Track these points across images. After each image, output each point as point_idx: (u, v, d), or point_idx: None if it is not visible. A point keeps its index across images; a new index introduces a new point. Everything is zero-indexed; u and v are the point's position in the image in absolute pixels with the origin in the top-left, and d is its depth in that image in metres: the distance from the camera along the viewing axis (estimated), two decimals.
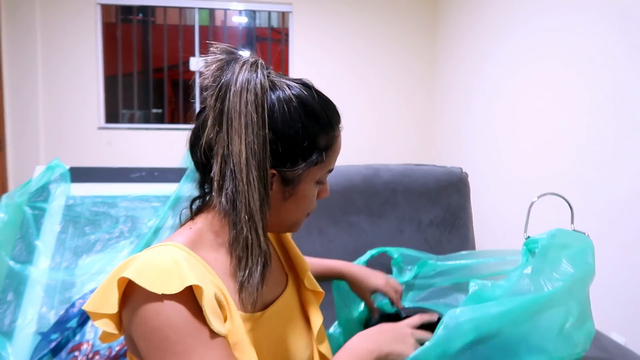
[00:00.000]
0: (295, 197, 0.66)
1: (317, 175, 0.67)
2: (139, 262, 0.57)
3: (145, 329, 0.55)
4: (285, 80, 0.65)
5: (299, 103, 0.63)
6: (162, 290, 0.54)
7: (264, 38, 4.13)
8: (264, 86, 0.60)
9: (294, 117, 0.62)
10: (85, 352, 1.27)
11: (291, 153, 0.63)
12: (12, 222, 1.43)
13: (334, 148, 0.68)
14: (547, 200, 0.94)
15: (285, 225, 0.71)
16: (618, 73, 1.88)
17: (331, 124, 0.67)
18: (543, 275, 0.74)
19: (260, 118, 0.59)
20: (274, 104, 0.61)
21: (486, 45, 3.03)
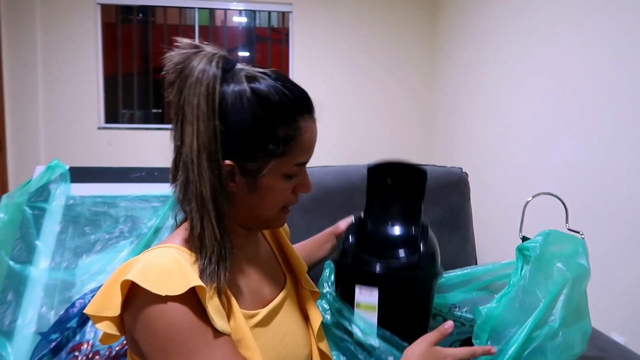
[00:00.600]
0: (261, 190, 0.65)
1: (283, 168, 0.65)
2: (141, 264, 0.58)
3: (149, 330, 0.56)
4: (251, 71, 0.64)
5: (253, 94, 0.61)
6: (165, 291, 0.54)
7: (264, 38, 4.13)
8: (216, 78, 0.60)
9: (245, 108, 0.61)
10: (85, 352, 1.27)
11: (246, 144, 0.62)
12: (12, 222, 1.43)
13: (299, 140, 0.65)
14: (546, 199, 0.94)
15: (260, 220, 0.70)
16: (618, 73, 1.88)
17: (291, 115, 0.64)
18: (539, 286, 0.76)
19: (211, 109, 0.59)
20: (226, 96, 0.61)
21: (486, 46, 3.03)
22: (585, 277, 0.78)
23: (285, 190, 0.68)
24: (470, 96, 3.27)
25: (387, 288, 0.77)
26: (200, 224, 0.61)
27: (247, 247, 0.73)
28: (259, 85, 0.62)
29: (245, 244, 0.72)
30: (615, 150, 1.89)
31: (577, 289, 0.76)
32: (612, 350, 1.16)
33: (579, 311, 0.77)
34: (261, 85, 0.62)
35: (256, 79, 0.63)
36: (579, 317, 0.77)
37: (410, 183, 0.87)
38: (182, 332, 0.55)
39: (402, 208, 0.89)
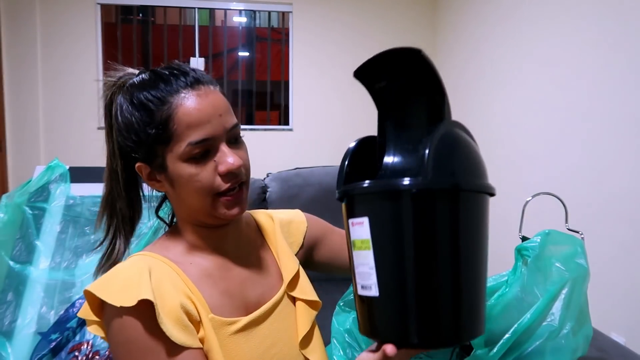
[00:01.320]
0: (177, 182, 0.64)
1: (177, 152, 0.61)
2: (105, 275, 0.60)
3: (111, 342, 0.58)
4: (133, 79, 0.68)
5: (122, 96, 0.66)
6: (120, 303, 0.55)
7: (264, 38, 4.13)
8: (109, 96, 0.69)
9: (123, 109, 0.65)
10: (85, 352, 1.27)
11: (138, 142, 0.64)
12: (12, 222, 1.43)
13: (177, 119, 0.60)
14: (546, 199, 0.94)
15: (202, 213, 0.65)
16: (618, 73, 1.88)
17: (160, 98, 0.61)
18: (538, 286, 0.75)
19: (108, 127, 0.69)
20: (116, 108, 0.67)
21: (486, 46, 3.03)
22: (585, 278, 0.78)
23: (199, 174, 0.62)
24: (470, 96, 3.28)
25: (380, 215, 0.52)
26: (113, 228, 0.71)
27: (225, 247, 0.70)
28: (134, 88, 0.65)
29: (220, 245, 0.70)
30: (616, 150, 1.89)
31: (578, 290, 0.75)
32: (612, 350, 1.16)
33: (583, 315, 0.77)
34: (135, 87, 0.65)
35: (135, 83, 0.66)
36: (582, 321, 0.76)
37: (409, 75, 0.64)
38: (137, 349, 0.56)
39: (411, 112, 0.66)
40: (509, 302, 0.75)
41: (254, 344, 0.65)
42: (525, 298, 0.74)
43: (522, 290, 0.75)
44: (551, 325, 0.73)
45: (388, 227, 0.51)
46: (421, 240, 0.50)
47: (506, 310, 0.75)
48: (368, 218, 0.52)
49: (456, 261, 0.51)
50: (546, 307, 0.73)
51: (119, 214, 0.70)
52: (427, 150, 0.50)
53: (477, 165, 0.56)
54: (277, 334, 0.69)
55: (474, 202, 0.55)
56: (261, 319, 0.68)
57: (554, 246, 0.80)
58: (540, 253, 0.78)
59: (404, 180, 0.50)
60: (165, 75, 0.63)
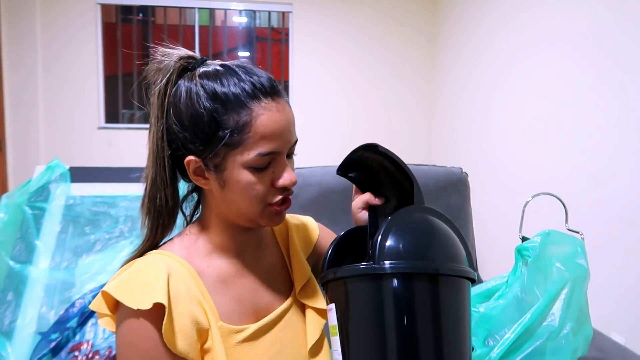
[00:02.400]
0: (229, 185, 0.62)
1: (243, 160, 0.60)
2: (123, 275, 0.60)
3: (117, 343, 0.58)
4: (207, 68, 0.63)
5: (202, 87, 0.60)
6: (137, 305, 0.55)
7: (264, 38, 4.13)
8: (169, 79, 0.62)
9: (194, 101, 0.60)
10: (85, 351, 1.27)
11: (201, 138, 0.61)
12: (12, 222, 1.43)
13: (254, 127, 0.59)
14: (546, 199, 0.94)
15: (245, 217, 0.65)
16: (617, 73, 1.88)
17: (241, 100, 0.59)
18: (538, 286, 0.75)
19: (164, 108, 0.62)
20: (180, 93, 0.61)
21: (486, 46, 3.03)
22: (585, 278, 0.78)
23: (257, 183, 0.61)
24: (471, 96, 3.27)
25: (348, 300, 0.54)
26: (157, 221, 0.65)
27: (245, 251, 0.70)
28: (208, 78, 0.61)
29: (239, 248, 0.69)
30: (616, 151, 1.89)
31: (578, 290, 0.76)
32: (612, 350, 1.16)
33: (582, 315, 0.77)
34: (210, 77, 0.61)
35: (210, 73, 0.62)
36: (582, 322, 0.76)
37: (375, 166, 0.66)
38: (138, 356, 0.56)
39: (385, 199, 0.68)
40: (510, 302, 0.75)
41: (261, 351, 0.64)
42: (525, 298, 0.74)
43: (522, 290, 0.75)
44: (551, 325, 0.73)
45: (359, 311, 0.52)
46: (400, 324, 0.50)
47: (506, 310, 0.75)
48: (334, 304, 0.55)
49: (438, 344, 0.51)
50: (546, 307, 0.73)
51: (163, 204, 0.65)
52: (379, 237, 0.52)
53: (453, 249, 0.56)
54: (285, 341, 0.68)
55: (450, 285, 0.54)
56: (269, 326, 0.67)
57: (554, 246, 0.80)
58: (540, 253, 0.78)
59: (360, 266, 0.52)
60: (246, 77, 0.61)
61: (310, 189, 1.48)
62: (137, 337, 0.56)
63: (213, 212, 0.67)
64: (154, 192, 0.65)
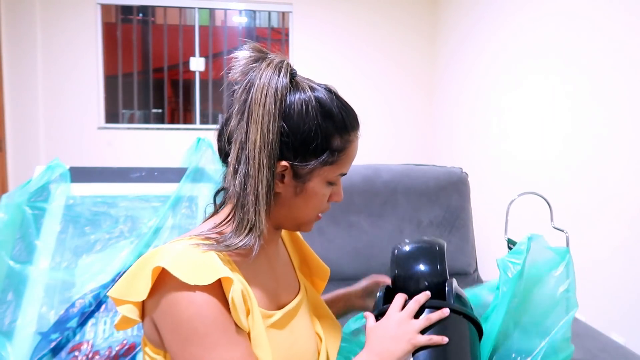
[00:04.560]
0: (305, 194, 0.69)
1: (329, 176, 0.69)
2: (173, 253, 0.60)
3: (174, 319, 0.58)
4: (309, 82, 0.69)
5: (317, 103, 0.66)
6: (195, 281, 0.56)
7: (264, 38, 4.13)
8: (285, 84, 0.65)
9: (310, 115, 0.65)
10: (85, 352, 1.28)
11: (304, 149, 0.66)
12: (12, 222, 1.43)
13: (348, 152, 0.70)
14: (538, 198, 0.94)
15: (296, 222, 0.73)
16: (618, 74, 1.88)
17: (346, 127, 0.69)
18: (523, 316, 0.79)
19: (277, 110, 0.63)
20: (293, 102, 0.65)
21: (486, 46, 3.03)
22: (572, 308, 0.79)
23: (325, 197, 0.72)
24: (471, 96, 3.28)
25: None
26: (252, 217, 0.64)
27: (269, 247, 0.74)
28: (322, 96, 0.67)
29: (269, 244, 0.73)
30: (616, 151, 1.89)
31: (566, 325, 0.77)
32: (612, 350, 1.16)
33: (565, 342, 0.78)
34: (323, 97, 0.67)
35: (317, 89, 0.68)
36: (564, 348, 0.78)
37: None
38: (206, 324, 0.57)
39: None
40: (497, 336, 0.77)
41: (283, 338, 0.69)
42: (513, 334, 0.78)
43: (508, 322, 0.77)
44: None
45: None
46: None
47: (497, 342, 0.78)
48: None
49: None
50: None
51: (270, 206, 0.66)
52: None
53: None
54: (301, 331, 0.74)
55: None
56: (290, 315, 0.72)
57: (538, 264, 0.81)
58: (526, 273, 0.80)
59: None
60: (350, 107, 0.72)
61: None
62: (203, 308, 0.57)
63: (271, 213, 0.69)
64: (269, 196, 0.65)
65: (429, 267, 0.77)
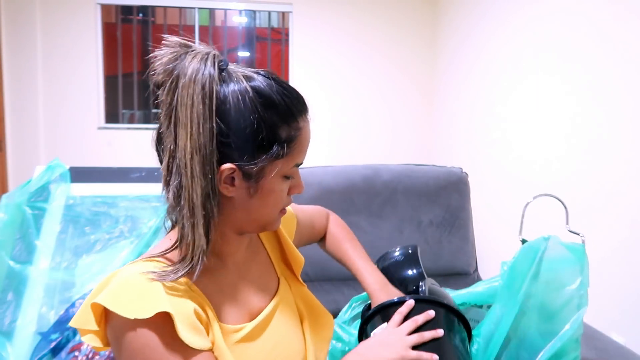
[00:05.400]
0: (261, 193, 0.63)
1: (283, 169, 0.63)
2: (114, 285, 0.57)
3: (126, 352, 0.55)
4: (244, 71, 0.61)
5: (255, 94, 0.59)
6: (135, 314, 0.53)
7: (264, 38, 4.13)
8: (213, 78, 0.57)
9: (248, 108, 0.58)
10: (85, 352, 1.28)
11: (249, 146, 0.59)
12: (12, 222, 1.43)
13: (300, 140, 0.63)
14: (546, 200, 0.94)
15: (258, 224, 0.67)
16: (618, 74, 1.88)
17: (293, 115, 0.62)
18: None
19: (208, 110, 0.56)
20: (227, 96, 0.58)
21: (486, 46, 3.03)
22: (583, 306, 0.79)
23: (283, 192, 0.66)
24: (471, 96, 3.27)
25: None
26: (191, 232, 0.58)
27: (237, 254, 0.70)
28: (259, 85, 0.60)
29: (235, 251, 0.70)
30: (616, 151, 1.89)
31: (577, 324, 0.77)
32: (612, 351, 1.16)
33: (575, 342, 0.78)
34: (261, 85, 0.60)
35: (253, 78, 0.60)
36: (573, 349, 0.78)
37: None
38: (159, 352, 0.55)
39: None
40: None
41: (258, 349, 0.66)
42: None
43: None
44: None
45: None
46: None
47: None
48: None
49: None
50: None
51: (210, 218, 0.59)
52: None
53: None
54: (279, 334, 0.70)
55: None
56: (263, 323, 0.68)
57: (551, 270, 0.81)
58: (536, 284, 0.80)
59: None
60: (293, 92, 0.63)
61: (310, 189, 1.48)
62: (148, 339, 0.54)
63: (221, 219, 0.64)
64: (207, 207, 0.58)
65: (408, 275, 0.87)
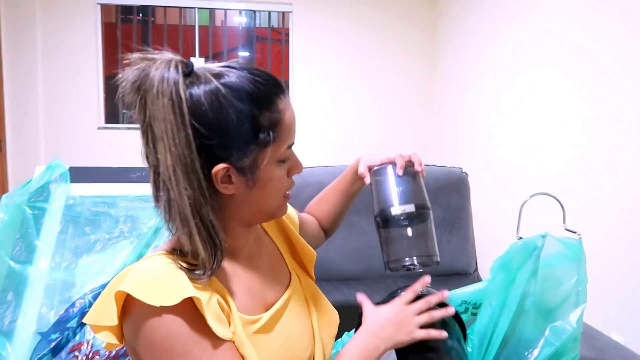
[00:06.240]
0: (260, 184, 0.63)
1: (276, 155, 0.63)
2: (135, 274, 0.57)
3: (149, 341, 0.55)
4: (212, 69, 0.61)
5: (228, 90, 0.58)
6: (160, 302, 0.54)
7: (264, 38, 4.13)
8: (179, 85, 0.56)
9: (224, 105, 0.58)
10: (85, 352, 1.28)
11: (234, 142, 0.59)
12: (12, 222, 1.43)
13: (284, 121, 0.63)
14: (544, 199, 0.94)
15: (266, 214, 0.68)
16: (620, 71, 1.88)
17: (270, 99, 0.61)
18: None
19: (179, 119, 0.56)
20: (200, 99, 0.57)
21: (486, 45, 3.03)
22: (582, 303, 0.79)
23: (282, 177, 0.66)
24: (471, 96, 3.27)
25: None
26: (189, 241, 0.59)
27: (246, 248, 0.71)
28: (229, 79, 0.59)
29: (244, 245, 0.70)
30: (616, 151, 1.89)
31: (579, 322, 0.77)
32: (611, 351, 1.16)
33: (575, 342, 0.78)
34: (231, 79, 0.59)
35: (223, 74, 0.60)
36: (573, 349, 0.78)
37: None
38: (181, 342, 0.55)
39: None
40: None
41: (272, 341, 0.66)
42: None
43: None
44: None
45: None
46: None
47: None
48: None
49: None
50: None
51: (208, 223, 0.59)
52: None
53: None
54: (290, 328, 0.71)
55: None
56: (277, 315, 0.69)
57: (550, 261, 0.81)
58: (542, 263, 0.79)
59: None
60: (265, 75, 0.62)
61: (311, 189, 1.48)
62: (174, 326, 0.55)
63: (226, 216, 0.66)
64: (200, 214, 0.58)
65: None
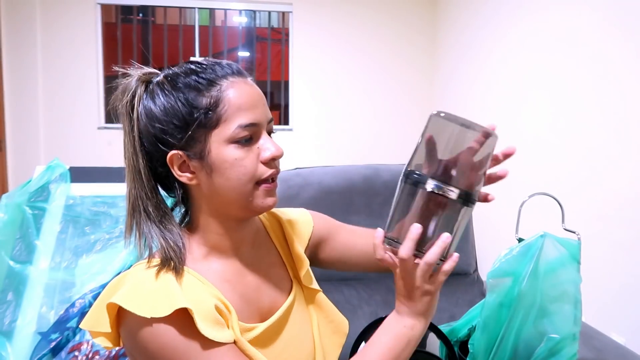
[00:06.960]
0: (216, 168, 0.61)
1: (224, 135, 0.61)
2: (128, 285, 0.57)
3: (146, 353, 0.55)
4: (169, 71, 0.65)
5: (166, 81, 0.63)
6: (152, 313, 0.53)
7: (264, 38, 4.13)
8: (136, 90, 0.63)
9: (164, 95, 0.62)
10: (85, 351, 1.28)
11: (177, 128, 0.61)
12: (12, 222, 1.43)
13: (227, 100, 0.61)
14: (544, 199, 0.94)
15: (239, 204, 0.64)
16: (617, 73, 1.88)
17: (209, 81, 0.62)
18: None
19: (132, 120, 0.63)
20: (150, 99, 0.63)
21: (486, 45, 3.03)
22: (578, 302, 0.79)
23: (243, 159, 0.62)
24: (470, 96, 3.28)
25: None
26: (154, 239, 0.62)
27: (241, 250, 0.69)
28: (170, 71, 0.64)
29: (238, 247, 0.69)
30: (615, 151, 1.89)
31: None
32: (612, 350, 1.16)
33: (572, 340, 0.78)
34: (172, 70, 0.64)
35: (176, 72, 0.64)
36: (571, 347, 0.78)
37: None
38: (179, 351, 0.55)
39: None
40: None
41: (268, 349, 0.65)
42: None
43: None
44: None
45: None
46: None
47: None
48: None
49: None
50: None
51: (151, 217, 0.63)
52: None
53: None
54: (290, 336, 0.69)
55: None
56: (275, 326, 0.67)
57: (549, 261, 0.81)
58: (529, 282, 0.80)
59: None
60: (209, 63, 0.64)
61: (310, 189, 1.48)
62: (167, 337, 0.54)
63: (204, 211, 0.66)
64: (140, 206, 0.63)
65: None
